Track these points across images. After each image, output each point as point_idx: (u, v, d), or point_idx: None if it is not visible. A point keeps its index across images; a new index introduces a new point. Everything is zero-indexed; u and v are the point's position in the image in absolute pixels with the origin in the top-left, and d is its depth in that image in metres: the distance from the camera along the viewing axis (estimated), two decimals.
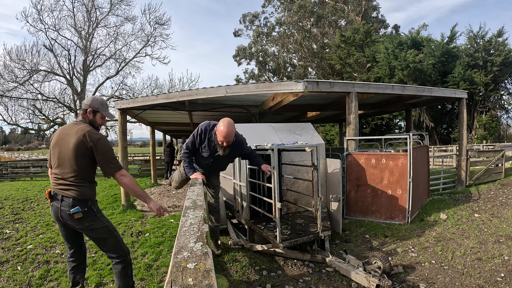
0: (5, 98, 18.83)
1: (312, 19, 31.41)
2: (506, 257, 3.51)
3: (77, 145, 2.21)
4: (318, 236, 3.47)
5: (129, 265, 2.47)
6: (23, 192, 9.18)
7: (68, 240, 2.48)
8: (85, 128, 2.28)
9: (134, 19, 23.00)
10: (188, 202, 2.20)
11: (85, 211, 2.25)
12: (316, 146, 3.50)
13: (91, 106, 2.44)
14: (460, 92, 7.46)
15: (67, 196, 2.23)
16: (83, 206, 2.25)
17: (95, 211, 2.33)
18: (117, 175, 2.31)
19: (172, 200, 8.09)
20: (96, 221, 2.32)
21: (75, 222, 2.26)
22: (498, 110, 20.61)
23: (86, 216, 2.27)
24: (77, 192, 2.23)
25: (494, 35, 19.28)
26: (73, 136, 2.24)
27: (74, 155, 2.21)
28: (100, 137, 2.28)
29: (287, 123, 5.35)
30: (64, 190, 2.24)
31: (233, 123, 3.21)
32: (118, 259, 2.39)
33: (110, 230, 2.38)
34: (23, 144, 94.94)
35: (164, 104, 6.95)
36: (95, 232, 2.33)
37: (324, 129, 26.14)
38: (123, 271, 2.40)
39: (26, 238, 4.78)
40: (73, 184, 2.24)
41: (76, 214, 2.22)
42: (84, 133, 2.23)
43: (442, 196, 7.03)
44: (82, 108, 2.46)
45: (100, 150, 2.24)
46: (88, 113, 2.43)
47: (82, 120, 2.42)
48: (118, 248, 2.40)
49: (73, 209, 2.21)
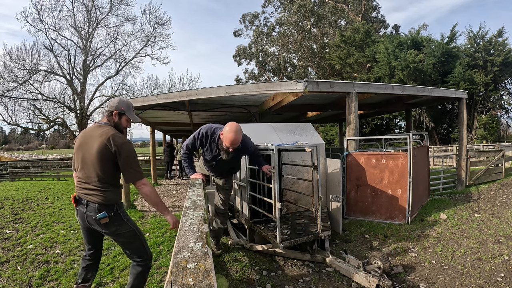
0: (5, 98, 18.81)
1: (312, 19, 31.42)
2: (506, 257, 3.51)
3: (101, 149, 2.15)
4: (318, 236, 3.47)
5: (148, 269, 2.45)
6: (23, 192, 9.18)
7: (89, 242, 2.46)
8: (109, 131, 2.22)
9: (134, 19, 22.95)
10: (188, 202, 2.21)
11: (112, 216, 2.21)
12: (316, 146, 3.50)
13: (117, 109, 2.36)
14: (460, 92, 7.46)
15: (92, 201, 2.17)
16: (109, 211, 2.20)
17: (121, 215, 2.29)
18: (138, 184, 2.24)
19: (172, 200, 8.09)
20: (123, 226, 2.28)
21: (101, 227, 2.22)
22: (498, 110, 20.62)
23: (113, 221, 2.22)
24: (102, 197, 2.18)
25: (494, 35, 19.29)
26: (97, 139, 2.17)
27: (97, 159, 2.15)
28: (125, 141, 2.22)
29: (287, 123, 5.35)
30: (88, 195, 2.19)
31: (240, 129, 3.09)
32: (141, 262, 2.36)
33: (136, 234, 2.34)
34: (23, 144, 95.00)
35: (164, 104, 6.95)
36: (121, 236, 2.29)
37: (324, 129, 26.15)
38: (141, 274, 2.37)
39: (26, 238, 4.78)
40: (97, 189, 2.18)
41: (102, 220, 2.17)
42: (108, 136, 2.16)
43: (442, 196, 7.03)
44: (108, 109, 2.38)
45: (124, 155, 2.17)
46: (114, 115, 2.35)
47: (106, 122, 2.35)
48: (142, 252, 2.37)
49: (100, 215, 2.16)
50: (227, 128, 3.04)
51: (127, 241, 2.32)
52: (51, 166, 14.82)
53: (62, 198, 8.19)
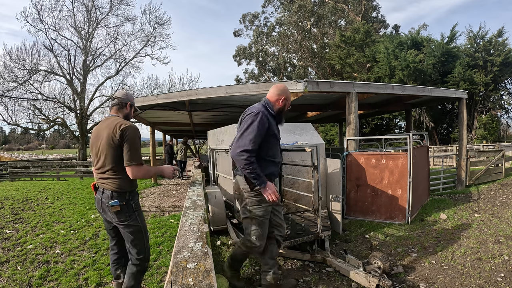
0: (5, 98, 18.82)
1: (312, 19, 31.41)
2: (506, 257, 3.51)
3: (109, 138, 2.24)
4: (318, 236, 3.47)
5: (144, 270, 2.46)
6: (23, 192, 9.18)
7: (110, 231, 2.52)
8: (115, 120, 2.32)
9: (134, 19, 22.98)
10: (188, 202, 2.21)
11: (123, 205, 2.27)
12: (316, 146, 3.50)
13: (130, 100, 2.51)
14: (460, 92, 7.46)
15: (107, 189, 2.28)
16: (122, 199, 2.26)
17: (133, 206, 2.34)
18: (128, 168, 2.24)
19: (172, 200, 8.09)
20: (132, 218, 2.32)
21: (112, 215, 2.28)
22: (498, 110, 20.62)
23: (123, 210, 2.28)
24: (114, 184, 2.26)
25: (494, 35, 19.28)
26: (106, 129, 2.28)
27: (107, 147, 2.25)
28: (131, 126, 2.29)
29: (287, 123, 5.34)
30: (103, 184, 2.30)
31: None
32: (137, 261, 2.38)
33: (141, 232, 2.38)
34: (23, 144, 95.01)
35: (164, 104, 6.95)
36: (127, 227, 2.32)
37: (324, 129, 26.15)
38: (136, 275, 2.39)
39: (26, 238, 4.78)
40: (110, 177, 2.27)
41: (113, 207, 2.24)
42: (115, 124, 2.26)
43: (442, 196, 7.03)
44: (120, 101, 2.47)
45: (127, 138, 2.23)
46: (128, 106, 2.49)
47: (114, 114, 2.45)
48: (141, 250, 2.39)
49: (112, 202, 2.23)
50: (274, 88, 2.74)
51: (131, 235, 2.35)
52: (51, 166, 14.82)
53: (62, 198, 8.19)
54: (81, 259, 3.91)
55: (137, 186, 2.50)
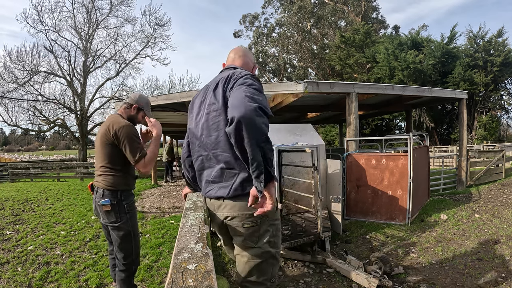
0: (6, 99, 18.84)
1: (312, 20, 31.45)
2: (507, 258, 3.51)
3: (102, 135, 2.22)
4: (319, 237, 3.47)
5: (131, 274, 2.38)
6: (23, 193, 9.18)
7: (108, 236, 2.42)
8: (111, 118, 2.29)
9: (134, 20, 22.79)
10: (188, 203, 2.20)
11: (114, 205, 2.17)
12: (316, 147, 3.50)
13: (138, 103, 2.43)
14: (460, 92, 7.47)
15: (99, 187, 2.22)
16: (113, 198, 2.17)
17: (125, 208, 2.23)
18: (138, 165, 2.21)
19: (173, 201, 8.09)
20: (123, 221, 2.21)
21: (103, 214, 2.20)
22: (498, 110, 20.63)
23: (114, 210, 2.18)
24: (106, 182, 2.20)
25: (494, 35, 19.29)
26: (103, 127, 2.26)
27: (100, 145, 2.24)
28: (123, 125, 2.21)
29: (287, 124, 5.35)
30: (97, 182, 2.25)
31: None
32: (123, 267, 2.29)
33: (130, 236, 2.27)
34: (23, 145, 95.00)
35: (164, 105, 6.96)
36: (117, 229, 2.23)
37: (325, 130, 26.15)
38: (126, 279, 2.32)
39: (27, 239, 4.78)
40: (102, 174, 2.23)
41: (104, 206, 2.15)
42: (109, 122, 2.24)
43: (442, 196, 7.02)
44: (127, 102, 2.43)
45: (122, 138, 2.17)
46: (133, 108, 2.42)
47: (118, 113, 2.40)
48: (127, 255, 2.28)
49: (103, 201, 2.16)
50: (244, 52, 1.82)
51: (118, 238, 2.25)
52: (51, 167, 14.81)
53: (62, 199, 8.19)
54: (81, 260, 3.90)
55: (134, 187, 2.42)
